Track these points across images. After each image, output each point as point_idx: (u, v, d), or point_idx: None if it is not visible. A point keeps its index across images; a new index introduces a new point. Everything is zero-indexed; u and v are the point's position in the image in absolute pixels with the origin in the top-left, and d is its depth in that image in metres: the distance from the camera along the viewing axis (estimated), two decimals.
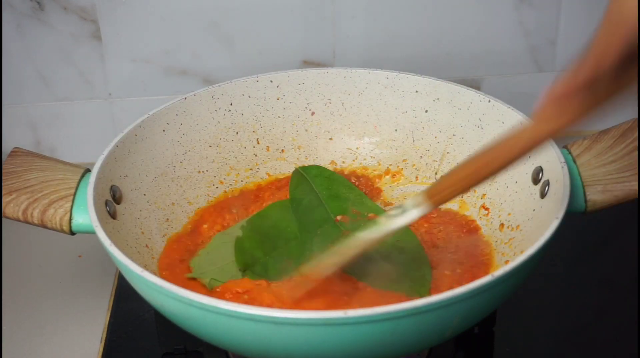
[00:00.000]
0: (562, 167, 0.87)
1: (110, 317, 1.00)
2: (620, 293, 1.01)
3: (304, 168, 1.07)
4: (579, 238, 1.06)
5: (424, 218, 0.99)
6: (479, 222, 0.99)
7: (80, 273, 1.07)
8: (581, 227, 1.00)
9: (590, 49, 0.62)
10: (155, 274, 0.89)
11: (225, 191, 1.06)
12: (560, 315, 0.98)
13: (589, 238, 1.08)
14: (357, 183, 1.07)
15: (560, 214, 0.81)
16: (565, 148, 0.93)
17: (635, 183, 0.87)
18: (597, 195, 0.88)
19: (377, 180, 1.08)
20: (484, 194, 1.00)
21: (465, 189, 0.79)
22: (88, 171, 0.93)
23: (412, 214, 0.82)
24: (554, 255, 1.01)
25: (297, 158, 1.09)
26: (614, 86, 0.63)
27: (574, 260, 1.06)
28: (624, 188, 0.88)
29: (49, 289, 1.04)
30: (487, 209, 0.99)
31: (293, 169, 1.08)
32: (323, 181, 1.05)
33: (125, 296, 1.02)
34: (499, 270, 0.75)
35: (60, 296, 1.03)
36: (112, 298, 1.03)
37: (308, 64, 1.22)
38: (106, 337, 0.97)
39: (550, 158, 0.90)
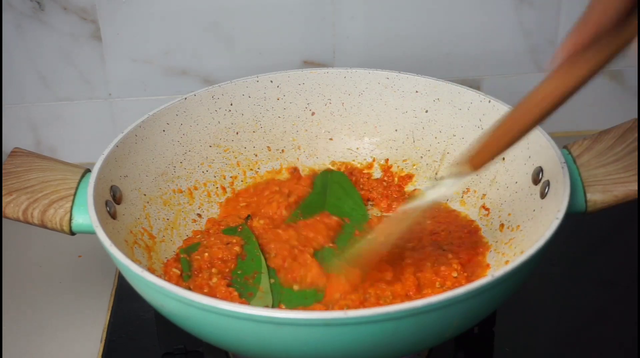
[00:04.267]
0: (562, 167, 0.87)
1: (111, 316, 1.00)
2: (621, 293, 1.00)
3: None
4: (579, 238, 1.06)
5: (428, 217, 1.00)
6: (479, 223, 0.99)
7: (80, 273, 1.07)
8: (581, 227, 1.00)
9: (592, 6, 0.67)
10: (156, 274, 0.89)
11: (226, 192, 1.06)
12: (560, 315, 0.98)
13: (589, 238, 1.08)
14: (358, 185, 1.07)
15: (561, 214, 0.81)
16: (565, 148, 0.93)
17: (636, 184, 0.87)
18: (597, 195, 0.88)
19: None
20: (484, 195, 1.01)
21: (500, 148, 0.78)
22: (88, 171, 0.93)
23: (449, 183, 0.83)
24: (554, 255, 1.01)
25: (297, 158, 1.09)
26: (619, 39, 0.67)
27: (575, 261, 1.05)
28: (624, 188, 0.88)
29: (49, 289, 1.04)
30: (487, 209, 0.99)
31: (293, 169, 1.09)
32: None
33: (125, 296, 1.02)
34: (499, 270, 0.75)
35: (60, 296, 1.03)
36: (112, 298, 1.03)
37: (308, 64, 1.22)
38: (106, 337, 0.97)
39: (550, 159, 0.90)
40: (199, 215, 1.03)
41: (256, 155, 1.08)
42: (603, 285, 1.01)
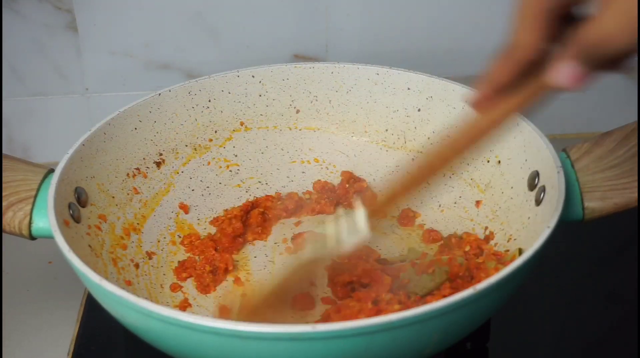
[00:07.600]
0: (558, 172, 0.86)
1: (80, 328, 1.00)
2: (621, 307, 0.99)
3: None
4: (577, 248, 1.05)
5: None
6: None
7: (49, 280, 1.06)
8: (580, 237, 0.99)
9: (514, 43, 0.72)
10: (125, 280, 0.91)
11: (202, 194, 1.06)
12: (558, 331, 0.97)
13: (588, 249, 1.07)
14: (347, 187, 1.07)
15: (553, 223, 0.81)
16: (564, 151, 0.92)
17: (636, 191, 0.86)
18: (595, 203, 0.87)
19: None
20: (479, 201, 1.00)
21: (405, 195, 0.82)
22: (52, 171, 0.93)
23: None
24: (552, 267, 1.00)
25: (281, 160, 1.09)
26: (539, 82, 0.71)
27: (573, 273, 1.04)
28: (624, 195, 0.87)
29: (14, 298, 1.04)
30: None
31: (275, 170, 1.09)
32: None
33: (97, 307, 1.01)
34: (482, 283, 0.74)
35: (26, 305, 1.02)
36: (83, 308, 1.02)
37: (299, 58, 1.21)
38: (74, 350, 0.97)
39: (546, 162, 0.89)
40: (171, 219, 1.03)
41: (236, 155, 1.08)
42: (606, 299, 1.01)
